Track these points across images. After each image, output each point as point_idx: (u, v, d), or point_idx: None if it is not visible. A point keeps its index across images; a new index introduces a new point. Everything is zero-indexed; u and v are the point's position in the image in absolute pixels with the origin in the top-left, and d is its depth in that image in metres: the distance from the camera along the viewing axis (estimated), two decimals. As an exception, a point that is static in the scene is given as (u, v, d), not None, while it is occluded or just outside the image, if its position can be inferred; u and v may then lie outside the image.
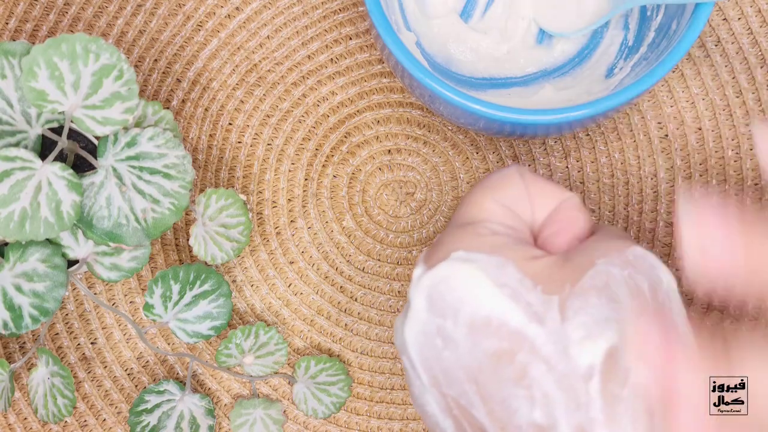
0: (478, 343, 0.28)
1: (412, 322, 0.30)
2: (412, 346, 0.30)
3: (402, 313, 0.31)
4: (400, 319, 0.31)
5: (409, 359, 0.30)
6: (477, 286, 0.28)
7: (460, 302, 0.29)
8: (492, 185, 0.32)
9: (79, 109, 0.33)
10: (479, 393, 0.28)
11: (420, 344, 0.29)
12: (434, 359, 0.29)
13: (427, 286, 0.29)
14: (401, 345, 0.31)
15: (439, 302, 0.29)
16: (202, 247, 0.39)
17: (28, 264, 0.35)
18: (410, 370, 0.30)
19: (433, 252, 0.31)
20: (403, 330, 0.30)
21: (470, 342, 0.28)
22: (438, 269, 0.29)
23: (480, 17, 0.42)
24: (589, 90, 0.40)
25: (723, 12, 0.43)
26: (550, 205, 0.32)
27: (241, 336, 0.40)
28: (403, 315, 0.31)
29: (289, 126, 0.44)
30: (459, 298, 0.29)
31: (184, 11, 0.45)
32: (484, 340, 0.28)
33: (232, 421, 0.42)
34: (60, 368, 0.39)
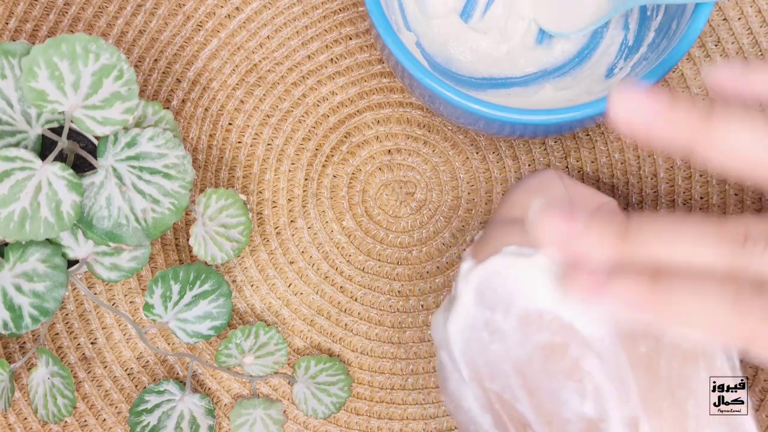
0: (529, 336, 0.28)
1: (458, 316, 0.30)
2: (456, 340, 0.30)
3: (442, 307, 0.31)
4: (441, 314, 0.31)
5: (449, 353, 0.30)
6: (531, 280, 0.29)
7: (511, 295, 0.29)
8: (534, 186, 0.32)
9: (79, 109, 0.33)
10: (525, 386, 0.28)
11: (465, 338, 0.30)
12: (479, 353, 0.29)
13: (477, 279, 0.30)
14: (442, 339, 0.31)
15: (489, 295, 0.29)
16: (202, 247, 0.39)
17: (28, 264, 0.35)
18: (448, 365, 0.30)
19: (481, 247, 0.31)
20: (446, 324, 0.30)
21: (521, 335, 0.28)
22: (490, 263, 0.30)
23: (480, 17, 0.42)
24: (589, 90, 0.40)
25: (723, 12, 0.43)
26: (590, 208, 0.32)
27: (241, 336, 0.40)
28: (444, 309, 0.31)
29: (289, 126, 0.44)
30: (511, 291, 0.29)
31: (184, 11, 0.45)
32: (536, 334, 0.28)
33: (232, 421, 0.42)
34: (60, 368, 0.39)
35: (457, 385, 0.30)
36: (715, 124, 0.25)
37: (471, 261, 0.31)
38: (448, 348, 0.30)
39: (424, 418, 0.43)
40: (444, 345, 0.31)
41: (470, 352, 0.30)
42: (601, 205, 0.32)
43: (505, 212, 0.33)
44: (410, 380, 0.43)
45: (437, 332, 0.31)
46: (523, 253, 0.29)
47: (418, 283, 0.44)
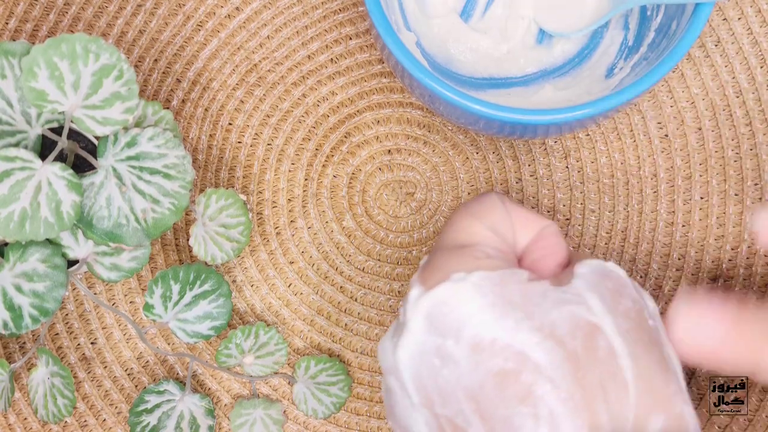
0: (481, 362, 0.28)
1: (408, 342, 0.30)
2: (406, 366, 0.30)
3: (389, 333, 0.31)
4: (390, 340, 0.31)
5: (399, 379, 0.30)
6: (480, 307, 0.28)
7: (462, 322, 0.29)
8: (477, 211, 0.33)
9: (79, 109, 0.33)
10: (478, 412, 0.28)
11: (415, 364, 0.29)
12: (429, 378, 0.29)
13: (427, 306, 0.29)
14: (391, 365, 0.30)
15: (439, 322, 0.29)
16: (202, 247, 0.39)
17: (28, 264, 0.35)
18: (397, 390, 0.30)
19: (428, 274, 0.31)
20: (395, 350, 0.30)
21: (473, 361, 0.28)
22: (439, 290, 0.29)
23: (480, 17, 0.42)
24: (589, 90, 0.40)
25: (723, 12, 0.43)
26: (532, 231, 0.32)
27: (241, 336, 0.40)
28: (392, 335, 0.31)
29: (289, 126, 0.44)
30: (461, 318, 0.29)
31: (184, 11, 0.45)
32: (488, 360, 0.28)
33: (232, 421, 0.42)
34: (60, 368, 0.39)
35: (406, 411, 0.30)
36: None
37: (419, 288, 0.30)
38: (397, 374, 0.30)
39: (424, 418, 0.43)
40: (393, 371, 0.31)
41: (421, 377, 0.29)
42: (543, 228, 0.33)
43: (451, 238, 0.33)
44: (410, 380, 0.43)
45: (385, 358, 0.31)
46: (472, 280, 0.29)
47: (418, 283, 0.43)
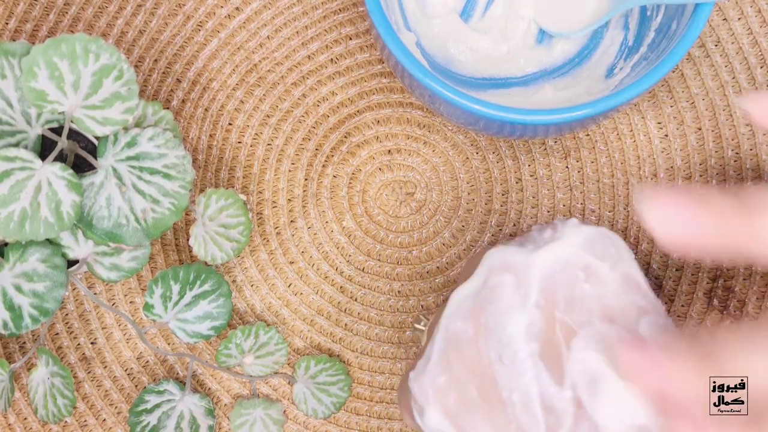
0: (627, 293, 0.32)
1: (556, 250, 0.33)
2: (542, 267, 0.32)
3: (514, 243, 0.34)
4: (522, 245, 0.33)
5: (521, 277, 0.32)
6: (632, 257, 0.33)
7: (621, 257, 0.33)
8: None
9: (79, 109, 0.33)
10: (612, 325, 0.31)
11: (554, 269, 0.32)
12: (564, 286, 0.32)
13: (591, 232, 0.33)
14: (513, 263, 0.33)
15: (599, 249, 0.33)
16: (202, 247, 0.39)
17: (28, 264, 0.35)
18: (508, 288, 0.32)
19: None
20: (533, 252, 0.33)
21: (619, 289, 0.32)
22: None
23: (480, 17, 0.42)
24: (589, 90, 0.40)
25: (723, 12, 0.43)
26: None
27: (241, 336, 0.40)
28: (521, 243, 0.34)
29: (289, 126, 0.44)
30: (621, 253, 0.33)
31: (184, 11, 0.45)
32: (634, 294, 0.32)
33: (232, 421, 0.42)
34: (60, 368, 0.39)
35: (508, 310, 0.31)
36: (757, 220, 0.25)
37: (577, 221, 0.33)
38: (522, 272, 0.31)
39: (424, 418, 0.43)
40: (513, 268, 0.32)
41: (553, 281, 0.31)
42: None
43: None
44: (410, 380, 0.43)
45: (505, 257, 0.32)
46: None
47: (418, 283, 0.44)
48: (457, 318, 0.32)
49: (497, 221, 0.43)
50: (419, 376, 0.32)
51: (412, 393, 0.32)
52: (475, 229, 0.43)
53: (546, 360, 0.30)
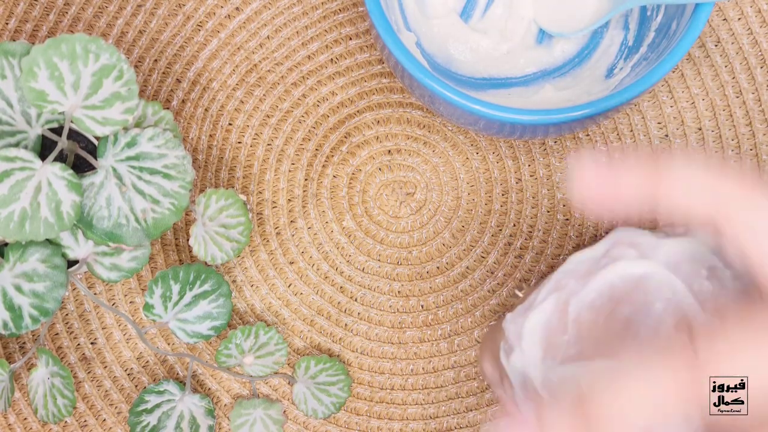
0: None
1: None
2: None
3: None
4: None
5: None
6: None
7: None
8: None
9: (79, 109, 0.33)
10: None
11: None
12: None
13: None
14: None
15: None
16: (202, 247, 0.39)
17: (28, 264, 0.35)
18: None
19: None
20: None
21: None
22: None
23: (480, 17, 0.42)
24: (589, 90, 0.40)
25: (723, 12, 0.43)
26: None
27: (241, 336, 0.40)
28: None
29: (289, 126, 0.44)
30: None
31: (184, 11, 0.45)
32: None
33: (232, 421, 0.42)
34: (60, 368, 0.39)
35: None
36: (665, 171, 0.27)
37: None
38: (648, 252, 0.33)
39: (424, 418, 0.43)
40: (641, 248, 0.33)
41: (675, 270, 0.32)
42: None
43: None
44: (410, 380, 0.43)
45: (640, 236, 0.33)
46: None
47: (418, 283, 0.44)
48: (571, 276, 0.33)
49: (497, 221, 0.43)
50: (516, 319, 0.33)
51: (506, 334, 0.33)
52: (475, 229, 0.43)
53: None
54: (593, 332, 0.32)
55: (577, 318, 0.32)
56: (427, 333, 0.43)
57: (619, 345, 0.31)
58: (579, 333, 0.32)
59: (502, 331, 0.34)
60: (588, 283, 0.32)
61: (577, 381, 0.29)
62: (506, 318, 0.34)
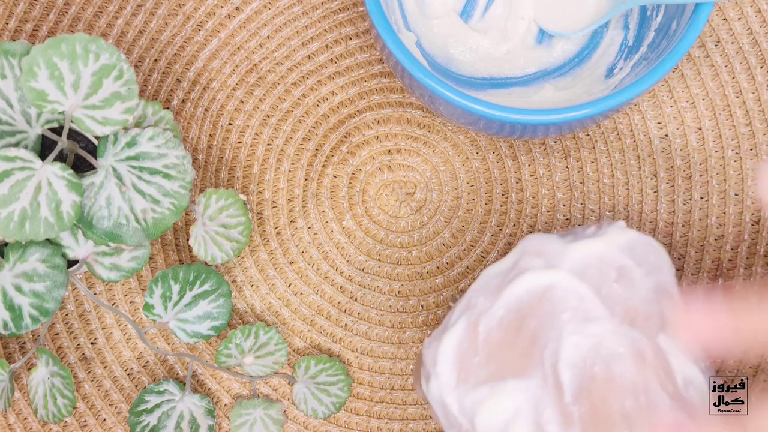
0: (658, 301, 0.33)
1: (593, 245, 0.33)
2: (575, 259, 0.33)
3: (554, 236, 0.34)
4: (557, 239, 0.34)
5: (556, 267, 0.32)
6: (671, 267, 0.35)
7: (659, 266, 0.34)
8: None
9: (79, 109, 0.33)
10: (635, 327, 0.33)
11: (589, 263, 0.33)
12: (595, 280, 0.33)
13: (633, 237, 0.34)
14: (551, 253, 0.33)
15: (639, 254, 0.33)
16: (202, 247, 0.39)
17: (28, 264, 0.35)
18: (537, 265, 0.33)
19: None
20: (571, 244, 0.33)
21: (650, 291, 0.33)
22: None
23: (480, 17, 0.42)
24: (589, 90, 0.40)
25: (723, 12, 0.43)
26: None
27: (241, 336, 0.40)
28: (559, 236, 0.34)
29: (289, 126, 0.44)
30: (660, 263, 0.34)
31: (184, 11, 0.45)
32: (664, 299, 0.33)
33: (232, 421, 0.42)
34: (60, 368, 0.39)
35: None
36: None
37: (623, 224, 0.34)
38: (555, 259, 0.32)
39: (424, 418, 0.43)
40: (548, 256, 0.32)
41: (582, 275, 0.32)
42: None
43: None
44: (410, 380, 0.43)
45: (548, 243, 0.33)
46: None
47: (418, 283, 0.44)
48: (481, 294, 0.32)
49: (497, 221, 0.43)
50: (432, 343, 0.32)
51: (424, 360, 0.33)
52: (475, 229, 0.43)
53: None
54: (503, 351, 0.31)
55: (487, 338, 0.31)
56: (427, 333, 0.43)
57: (528, 361, 0.30)
58: (489, 353, 0.31)
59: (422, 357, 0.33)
60: (497, 300, 0.32)
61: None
62: (424, 343, 0.33)
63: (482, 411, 0.30)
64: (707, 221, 0.42)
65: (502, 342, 0.31)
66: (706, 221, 0.42)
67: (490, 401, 0.30)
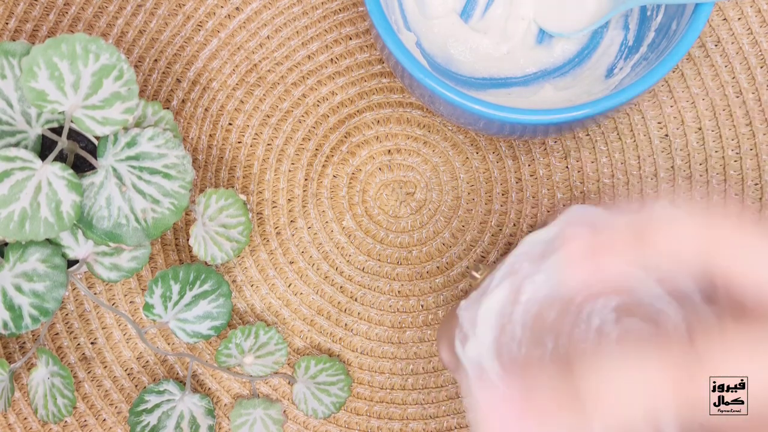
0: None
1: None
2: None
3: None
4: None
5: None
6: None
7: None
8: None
9: (79, 109, 0.33)
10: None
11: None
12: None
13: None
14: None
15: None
16: (202, 247, 0.39)
17: (28, 264, 0.35)
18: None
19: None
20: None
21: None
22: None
23: (480, 17, 0.42)
24: (589, 90, 0.40)
25: (723, 12, 0.43)
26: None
27: (241, 336, 0.40)
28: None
29: (289, 126, 0.44)
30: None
31: (184, 11, 0.45)
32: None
33: (232, 421, 0.42)
34: (60, 368, 0.39)
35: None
36: (653, 231, 0.27)
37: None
38: (603, 229, 0.32)
39: (424, 418, 0.43)
40: (595, 226, 0.32)
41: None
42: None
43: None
44: (410, 380, 0.43)
45: (595, 214, 0.33)
46: None
47: (418, 283, 0.44)
48: (525, 259, 0.32)
49: (497, 221, 0.43)
50: (471, 305, 0.32)
51: (460, 321, 0.32)
52: (475, 229, 0.43)
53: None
54: (542, 327, 0.31)
55: (528, 310, 0.31)
56: (427, 333, 0.43)
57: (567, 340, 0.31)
58: (533, 327, 0.31)
59: (457, 318, 0.33)
60: (541, 266, 0.32)
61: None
62: (460, 305, 0.33)
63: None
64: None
65: (541, 320, 0.31)
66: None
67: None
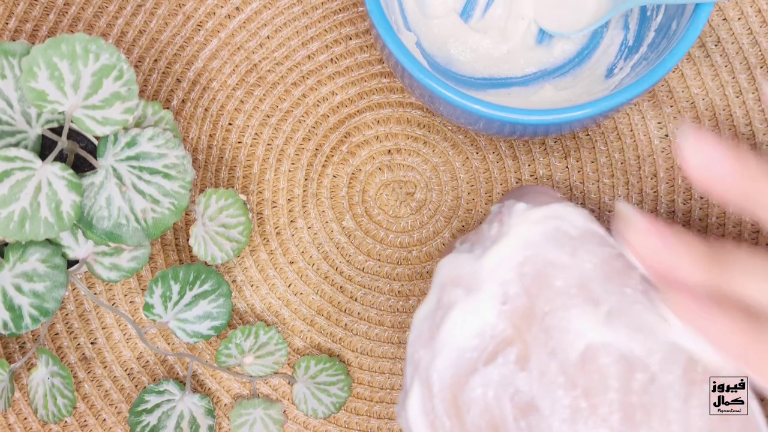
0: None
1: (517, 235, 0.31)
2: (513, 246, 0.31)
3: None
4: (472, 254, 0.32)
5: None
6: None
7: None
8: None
9: (79, 109, 0.33)
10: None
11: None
12: (530, 266, 0.31)
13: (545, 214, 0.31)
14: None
15: (561, 235, 0.31)
16: (202, 247, 0.39)
17: (28, 264, 0.35)
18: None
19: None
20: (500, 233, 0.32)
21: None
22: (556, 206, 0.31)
23: (480, 17, 0.42)
24: (589, 90, 0.40)
25: (723, 12, 0.43)
26: None
27: (241, 336, 0.40)
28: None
29: (289, 126, 0.44)
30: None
31: (184, 11, 0.45)
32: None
33: (232, 421, 0.42)
34: (60, 368, 0.39)
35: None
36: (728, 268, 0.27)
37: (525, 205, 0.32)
38: (473, 283, 0.30)
39: (424, 418, 0.43)
40: (465, 283, 0.30)
41: (521, 283, 0.30)
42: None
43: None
44: (410, 380, 0.43)
45: (459, 266, 0.31)
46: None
47: (418, 283, 0.44)
48: (419, 345, 0.31)
49: (497, 221, 0.43)
50: (401, 411, 0.31)
51: (401, 425, 0.32)
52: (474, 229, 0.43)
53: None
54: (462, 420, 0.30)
55: (444, 398, 0.30)
56: (427, 333, 0.43)
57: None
58: (456, 414, 0.30)
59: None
60: (435, 348, 0.30)
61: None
62: (396, 411, 0.32)
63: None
64: (707, 221, 0.42)
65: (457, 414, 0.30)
66: (707, 221, 0.42)
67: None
